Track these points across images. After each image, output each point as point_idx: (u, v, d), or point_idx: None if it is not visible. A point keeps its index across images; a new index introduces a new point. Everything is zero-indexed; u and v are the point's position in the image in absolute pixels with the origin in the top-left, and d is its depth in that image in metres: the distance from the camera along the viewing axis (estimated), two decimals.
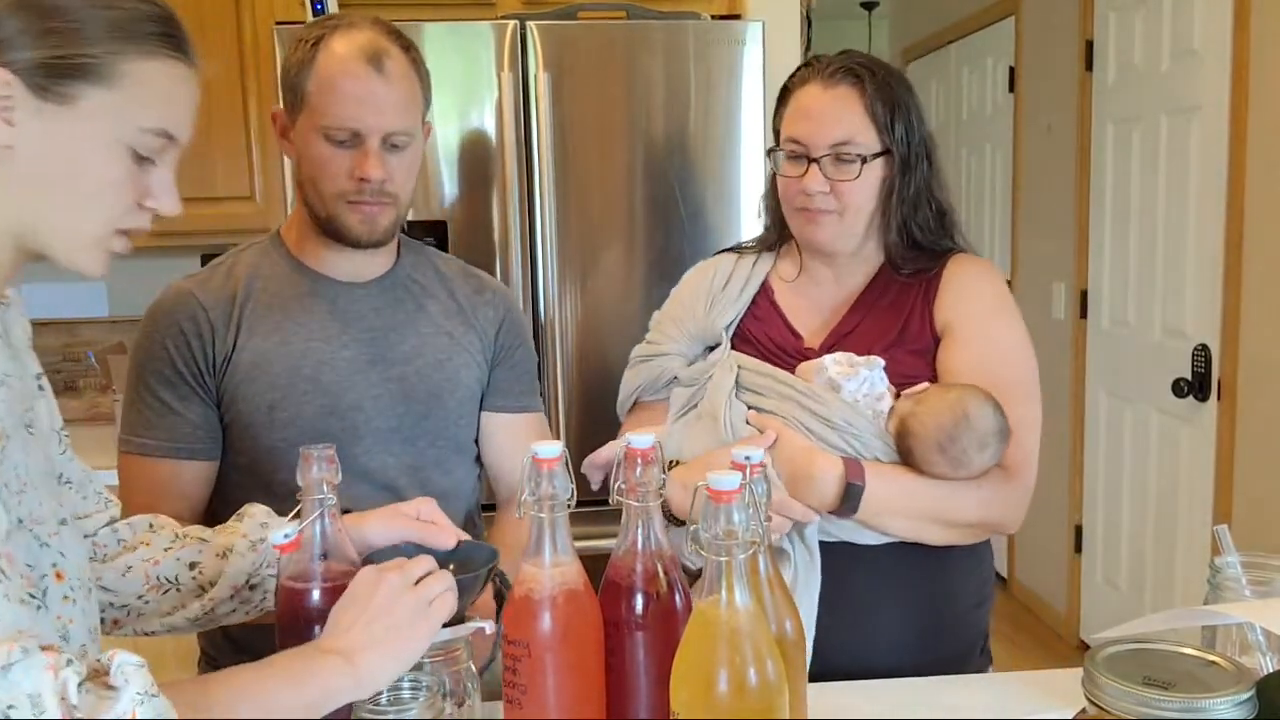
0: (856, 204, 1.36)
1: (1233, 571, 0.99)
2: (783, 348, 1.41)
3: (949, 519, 1.29)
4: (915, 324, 1.38)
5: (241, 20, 2.60)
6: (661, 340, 1.47)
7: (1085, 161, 3.50)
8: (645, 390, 1.47)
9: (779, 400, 1.31)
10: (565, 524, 0.97)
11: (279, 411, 1.33)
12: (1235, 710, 0.73)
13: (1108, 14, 3.34)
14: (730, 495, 0.84)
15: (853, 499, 1.23)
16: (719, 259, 1.53)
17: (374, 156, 1.29)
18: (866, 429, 1.27)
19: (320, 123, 1.29)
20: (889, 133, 1.35)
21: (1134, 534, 3.29)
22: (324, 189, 1.32)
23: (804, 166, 1.35)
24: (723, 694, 0.84)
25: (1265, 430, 2.60)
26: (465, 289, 1.49)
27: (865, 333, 1.38)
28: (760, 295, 1.47)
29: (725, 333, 1.42)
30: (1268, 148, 2.55)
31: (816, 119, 1.35)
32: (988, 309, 1.38)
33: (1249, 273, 2.63)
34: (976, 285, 1.40)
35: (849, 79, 1.35)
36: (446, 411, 1.42)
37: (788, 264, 1.48)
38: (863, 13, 6.14)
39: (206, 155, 2.62)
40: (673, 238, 2.33)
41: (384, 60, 1.29)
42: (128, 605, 1.09)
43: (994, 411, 1.25)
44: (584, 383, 2.35)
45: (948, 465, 1.24)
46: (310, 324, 1.37)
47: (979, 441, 1.24)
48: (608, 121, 2.29)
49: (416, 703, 0.84)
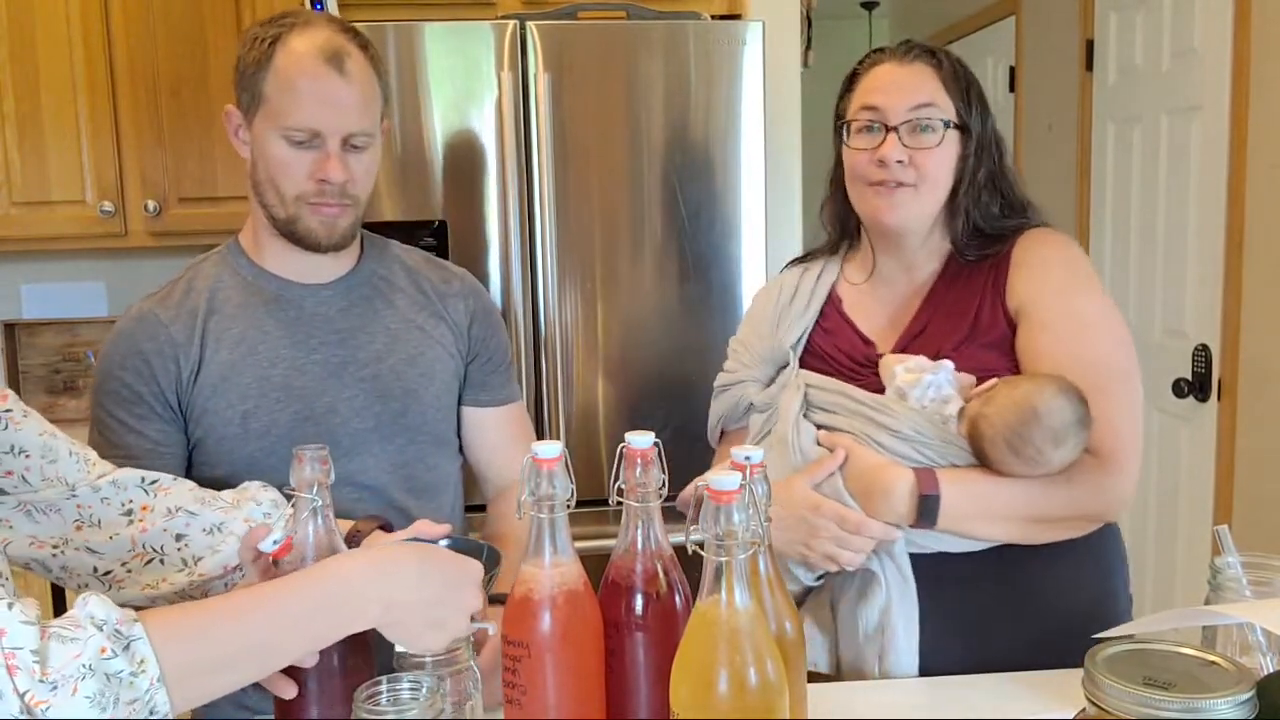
0: (934, 177, 1.31)
1: (1233, 572, 0.99)
2: (853, 357, 1.37)
3: (1038, 516, 1.23)
4: (986, 315, 1.32)
5: (242, 20, 2.60)
6: (735, 368, 1.45)
7: (1086, 161, 3.50)
8: (727, 420, 1.46)
9: (849, 416, 1.27)
10: (565, 524, 0.97)
11: (253, 421, 1.32)
12: (1235, 710, 0.73)
13: (1108, 14, 3.34)
14: (730, 495, 0.84)
15: (929, 510, 1.19)
16: (784, 275, 1.50)
17: (335, 158, 1.27)
18: (936, 435, 1.23)
19: (280, 123, 1.27)
20: (966, 108, 1.32)
21: (1134, 534, 3.29)
22: (284, 191, 1.30)
23: (880, 137, 1.31)
24: (723, 694, 0.84)
25: (1265, 430, 2.60)
26: (432, 279, 1.47)
27: (935, 332, 1.34)
28: (828, 306, 1.43)
29: (793, 351, 1.39)
30: (1268, 148, 2.55)
31: (895, 86, 1.31)
32: (1061, 284, 1.30)
33: (1249, 273, 2.63)
34: (1047, 260, 1.32)
35: (926, 56, 1.33)
36: (424, 406, 1.41)
37: (854, 267, 1.45)
38: (863, 13, 6.13)
39: (206, 155, 2.62)
40: (673, 238, 2.33)
41: (344, 60, 1.27)
42: (110, 570, 1.10)
43: (1067, 402, 1.17)
44: (583, 383, 2.35)
45: (1023, 465, 1.19)
46: (276, 331, 1.36)
47: (1053, 437, 1.17)
48: (608, 121, 2.29)
49: (416, 703, 0.84)
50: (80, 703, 0.71)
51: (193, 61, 2.60)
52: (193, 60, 2.60)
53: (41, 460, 1.06)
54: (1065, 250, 1.34)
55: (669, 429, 1.95)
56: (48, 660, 0.72)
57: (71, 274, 2.88)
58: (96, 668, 0.73)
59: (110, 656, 0.74)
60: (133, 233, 2.63)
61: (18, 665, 0.70)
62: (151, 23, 2.57)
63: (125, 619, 0.77)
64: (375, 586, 0.88)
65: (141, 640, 0.76)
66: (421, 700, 0.84)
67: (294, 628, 0.85)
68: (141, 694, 0.75)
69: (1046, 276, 1.30)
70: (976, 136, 1.33)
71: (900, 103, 1.30)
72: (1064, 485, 1.22)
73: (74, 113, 2.56)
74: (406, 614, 0.89)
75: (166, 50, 2.58)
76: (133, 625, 0.77)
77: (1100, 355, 1.27)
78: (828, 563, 1.23)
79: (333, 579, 0.88)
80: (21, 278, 2.89)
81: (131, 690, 0.74)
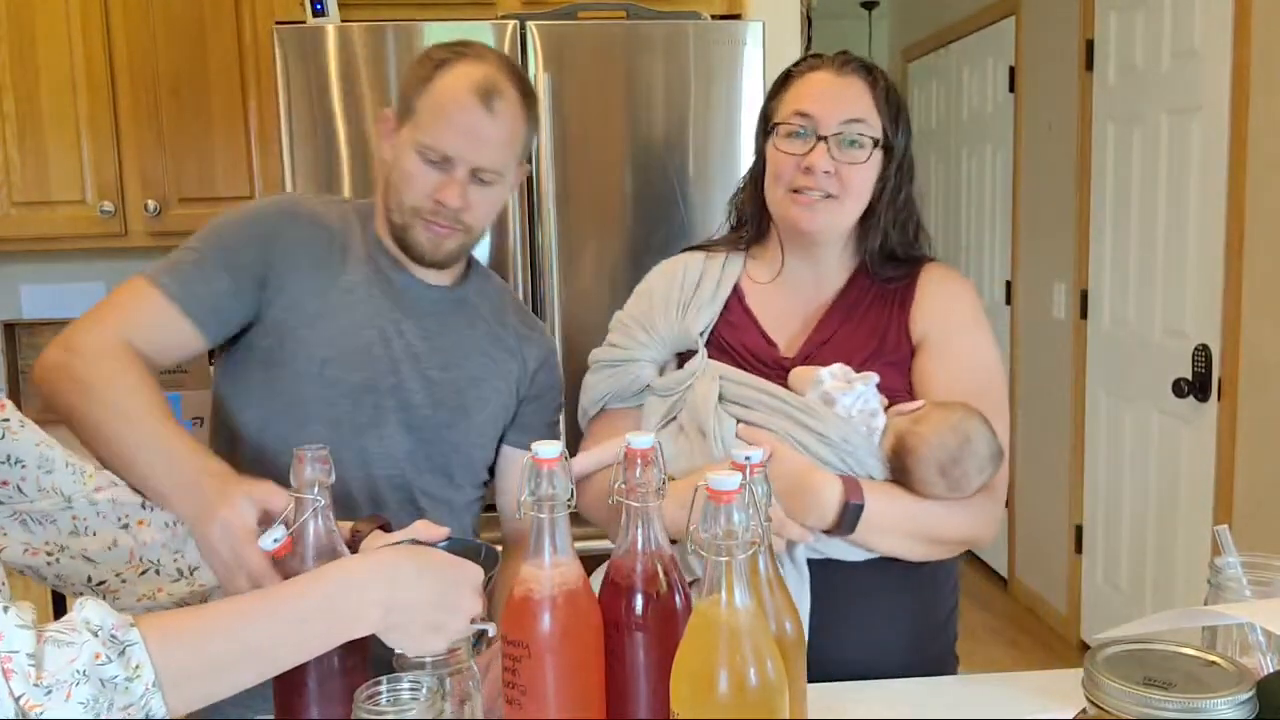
0: (858, 191, 1.33)
1: (1233, 572, 0.99)
2: (758, 356, 1.37)
3: (939, 537, 1.28)
4: (893, 335, 1.35)
5: (241, 20, 2.60)
6: (629, 345, 1.41)
7: (1085, 161, 3.50)
8: (615, 398, 1.42)
9: (769, 414, 1.28)
10: (565, 524, 0.97)
11: (330, 369, 1.36)
12: (1235, 710, 0.73)
13: (1108, 14, 3.34)
14: (730, 495, 0.84)
15: (851, 518, 1.20)
16: (686, 257, 1.47)
17: (457, 185, 1.33)
18: (862, 446, 1.25)
19: (419, 139, 1.32)
20: (893, 129, 1.33)
21: (1134, 534, 3.29)
22: (405, 200, 1.35)
23: (809, 143, 1.31)
24: (723, 694, 0.84)
25: (1265, 430, 2.60)
26: (516, 320, 1.53)
27: (842, 341, 1.35)
28: (732, 299, 1.41)
29: (700, 339, 1.37)
30: (1268, 148, 2.55)
31: (831, 96, 1.32)
32: (965, 322, 1.37)
33: (1249, 273, 2.63)
34: (952, 297, 1.38)
35: (862, 72, 1.34)
36: (470, 426, 1.44)
37: (761, 265, 1.43)
38: (863, 13, 6.13)
39: (206, 154, 2.62)
40: (673, 237, 2.32)
41: (495, 99, 1.32)
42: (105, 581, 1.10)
43: (992, 434, 1.24)
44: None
45: (946, 486, 1.23)
46: (380, 299, 1.40)
47: (979, 465, 1.23)
48: (608, 121, 2.29)
49: (416, 703, 0.84)
50: (74, 708, 0.71)
51: (193, 61, 2.60)
52: (193, 60, 2.60)
53: (38, 470, 1.05)
54: (968, 291, 1.42)
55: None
56: (43, 664, 0.72)
57: (71, 274, 2.88)
58: (91, 673, 0.73)
59: (105, 662, 0.74)
60: (133, 233, 2.63)
61: (13, 669, 0.70)
62: (152, 23, 2.57)
63: (121, 624, 0.77)
64: (374, 591, 0.88)
65: (137, 645, 0.76)
66: (421, 700, 0.84)
67: (292, 632, 0.85)
68: (137, 699, 0.75)
69: (950, 310, 1.37)
70: (897, 159, 1.35)
71: (834, 114, 1.31)
72: (962, 510, 1.27)
73: (74, 113, 2.56)
74: (406, 618, 0.89)
75: (167, 50, 2.58)
76: (129, 630, 0.76)
77: (991, 393, 1.33)
78: None
79: (332, 583, 0.88)
80: (21, 278, 2.89)
81: (127, 695, 0.74)
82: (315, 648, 0.86)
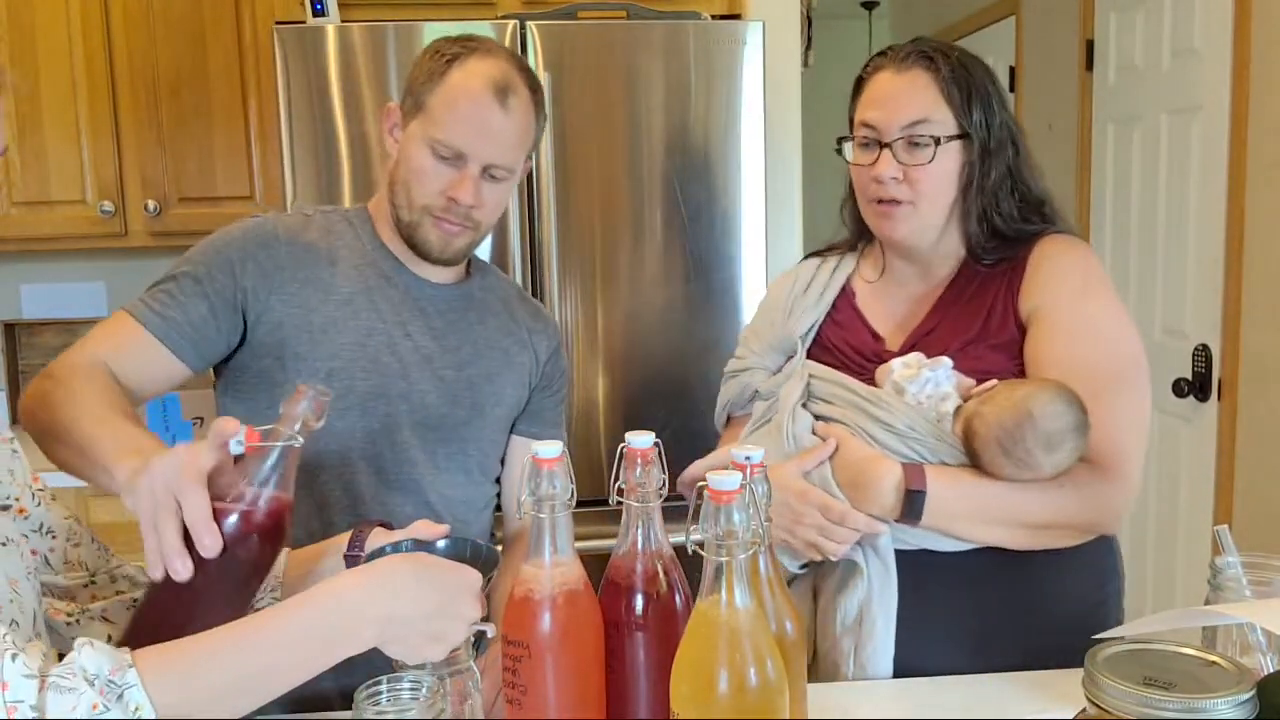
0: (931, 192, 1.30)
1: (1233, 572, 0.99)
2: (862, 351, 1.37)
3: (1027, 521, 1.22)
4: (997, 317, 1.31)
5: (241, 20, 2.60)
6: (744, 354, 1.45)
7: (1085, 161, 3.50)
8: (734, 406, 1.46)
9: (845, 408, 1.27)
10: (565, 524, 0.97)
11: (335, 381, 1.34)
12: (1235, 710, 0.73)
13: (1108, 14, 3.34)
14: (730, 495, 0.84)
15: (915, 505, 1.18)
16: (801, 265, 1.50)
17: (471, 181, 1.32)
18: (929, 432, 1.23)
19: (431, 134, 1.31)
20: (966, 116, 1.29)
21: (1134, 534, 3.29)
22: (415, 196, 1.34)
23: (875, 153, 1.31)
24: (723, 694, 0.84)
25: (1265, 430, 2.60)
26: (525, 312, 1.53)
27: (945, 331, 1.33)
28: (841, 299, 1.43)
29: (801, 341, 1.39)
30: (1268, 148, 2.55)
31: (889, 102, 1.30)
32: (1075, 290, 1.28)
33: (1249, 273, 2.63)
34: (1063, 265, 1.30)
35: (923, 62, 1.31)
36: (485, 423, 1.44)
37: (870, 265, 1.45)
38: (863, 13, 6.13)
39: (206, 154, 2.63)
40: (673, 237, 2.33)
41: (509, 95, 1.32)
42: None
43: (1066, 408, 1.16)
44: (584, 383, 2.35)
45: (1012, 467, 1.18)
46: (382, 305, 1.39)
47: (1045, 442, 1.16)
48: (608, 121, 2.29)
49: (416, 703, 0.84)
50: None
51: (193, 61, 2.60)
52: (193, 60, 2.60)
53: (66, 544, 1.05)
54: (1083, 258, 1.33)
55: (669, 429, 1.95)
56: (45, 711, 0.73)
57: (71, 274, 2.88)
58: None
59: (103, 711, 0.74)
60: (133, 233, 2.63)
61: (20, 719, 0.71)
62: (152, 23, 2.57)
63: (118, 666, 0.76)
64: (372, 607, 0.87)
65: (135, 688, 0.76)
66: (422, 700, 0.84)
67: (289, 656, 0.84)
68: None
69: (1062, 282, 1.29)
70: (981, 141, 1.30)
71: (893, 120, 1.29)
72: (1056, 491, 1.20)
73: (74, 113, 2.56)
74: (405, 629, 0.88)
75: (166, 50, 2.58)
76: (126, 672, 0.76)
77: (1107, 362, 1.25)
78: (811, 550, 1.23)
79: (328, 601, 0.87)
80: (21, 278, 2.89)
81: None
82: (314, 668, 0.85)
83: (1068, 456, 1.18)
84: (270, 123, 2.56)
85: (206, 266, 1.34)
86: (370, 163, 2.23)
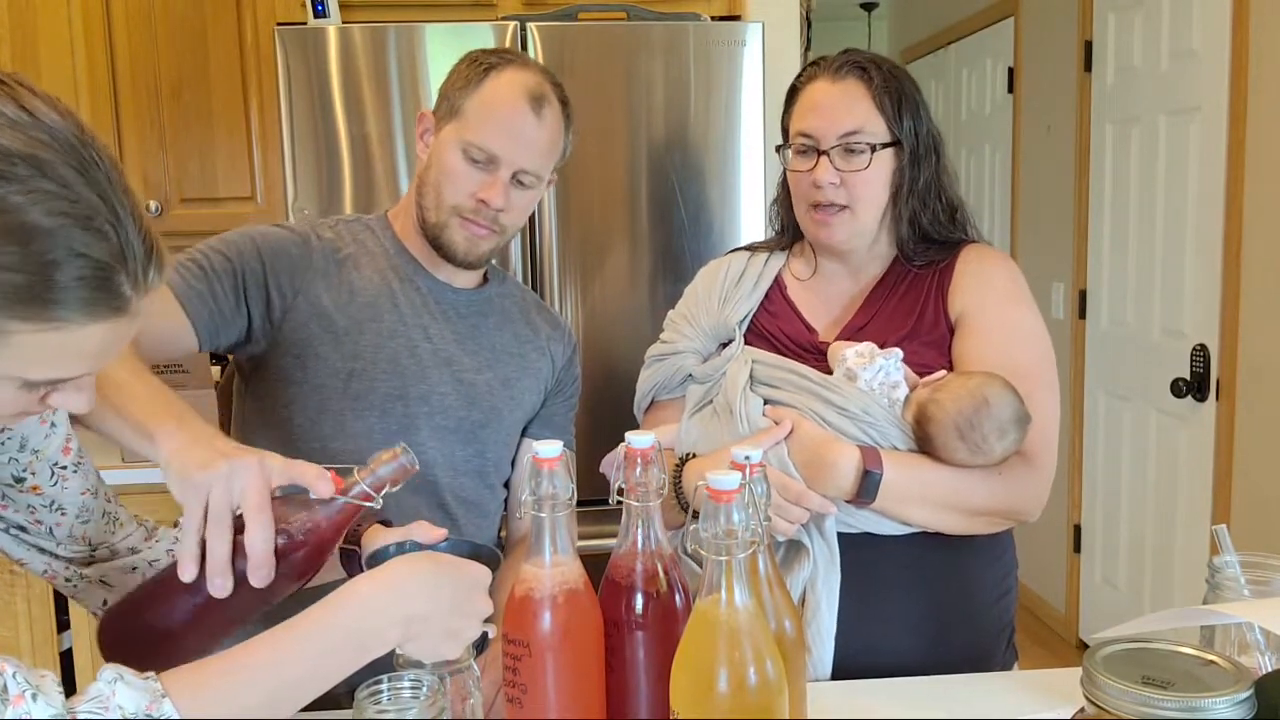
0: (867, 196, 1.36)
1: (1232, 571, 0.99)
2: (796, 341, 1.41)
3: (967, 507, 1.28)
4: (929, 315, 1.37)
5: (242, 21, 2.60)
6: (675, 338, 1.47)
7: (1085, 162, 3.51)
8: (661, 389, 1.48)
9: (795, 392, 1.31)
10: (565, 524, 0.97)
11: (356, 382, 1.36)
12: (1234, 710, 0.73)
13: (1107, 14, 3.35)
14: (730, 495, 0.85)
15: (871, 487, 1.22)
16: (731, 256, 1.54)
17: (501, 185, 1.35)
18: (883, 417, 1.27)
19: (465, 137, 1.34)
20: (897, 124, 1.35)
21: (1133, 534, 3.29)
22: (444, 197, 1.36)
23: (814, 160, 1.36)
24: (722, 693, 0.85)
25: (1265, 430, 2.60)
26: (541, 319, 1.55)
27: (879, 326, 1.38)
28: (773, 290, 1.47)
29: (739, 328, 1.43)
30: (1267, 148, 2.56)
31: (826, 111, 1.36)
32: (1002, 296, 1.37)
33: (1248, 273, 2.63)
34: (990, 274, 1.39)
35: (856, 72, 1.36)
36: (501, 427, 1.46)
37: (800, 263, 1.48)
38: (862, 13, 6.14)
39: (207, 155, 2.63)
40: (673, 238, 2.33)
41: (544, 105, 1.37)
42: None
43: (1014, 399, 1.24)
44: (586, 382, 2.35)
45: (967, 452, 1.24)
46: (404, 307, 1.41)
47: (999, 428, 1.23)
48: (608, 122, 2.29)
49: (417, 703, 0.84)
50: None
51: (194, 63, 2.60)
52: (194, 61, 2.60)
53: (75, 520, 1.06)
54: (1009, 266, 1.42)
55: None
56: None
57: None
58: None
59: None
60: None
61: None
62: (153, 24, 2.57)
63: (154, 699, 0.75)
64: (396, 607, 0.87)
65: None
66: (422, 700, 0.84)
67: (323, 664, 0.84)
68: None
69: (989, 288, 1.37)
70: (910, 149, 1.36)
71: (831, 128, 1.35)
72: (995, 478, 1.27)
73: None
74: (425, 628, 0.89)
75: (168, 52, 2.59)
76: (161, 703, 0.75)
77: (1031, 365, 1.33)
78: None
79: (351, 607, 0.87)
80: None
81: None
82: (346, 672, 0.86)
83: (1013, 444, 1.25)
84: (271, 124, 2.57)
85: (239, 249, 1.36)
86: (371, 164, 2.24)
